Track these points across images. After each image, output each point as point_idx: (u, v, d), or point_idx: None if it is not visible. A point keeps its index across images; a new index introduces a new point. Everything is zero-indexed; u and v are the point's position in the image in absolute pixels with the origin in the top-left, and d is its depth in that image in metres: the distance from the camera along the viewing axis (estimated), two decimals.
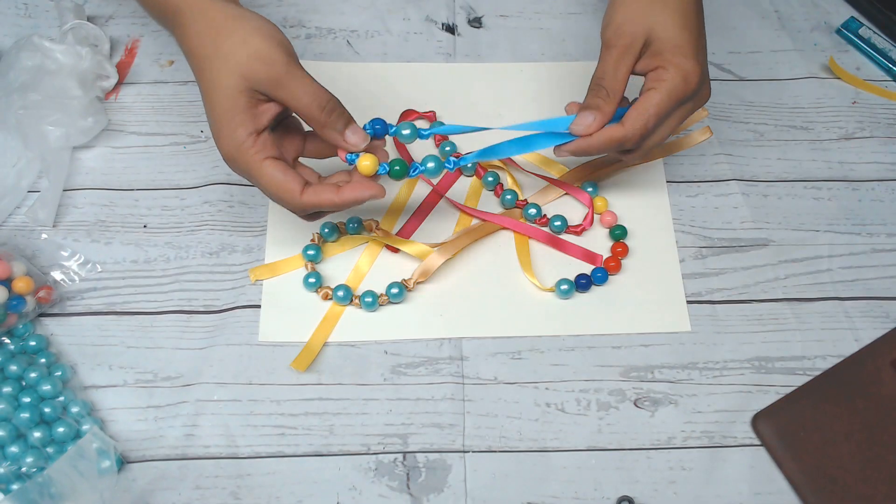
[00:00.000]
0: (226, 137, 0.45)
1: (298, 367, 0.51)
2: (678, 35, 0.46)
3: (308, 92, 0.45)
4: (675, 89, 0.46)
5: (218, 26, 0.45)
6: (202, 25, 0.46)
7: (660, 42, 0.46)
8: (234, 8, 0.46)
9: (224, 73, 0.45)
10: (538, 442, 0.51)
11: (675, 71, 0.46)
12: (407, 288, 0.54)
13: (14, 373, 0.50)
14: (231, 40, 0.45)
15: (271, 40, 0.45)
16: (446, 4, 0.67)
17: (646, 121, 0.46)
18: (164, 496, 0.49)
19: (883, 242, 0.58)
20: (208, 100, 0.46)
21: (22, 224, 0.56)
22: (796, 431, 0.50)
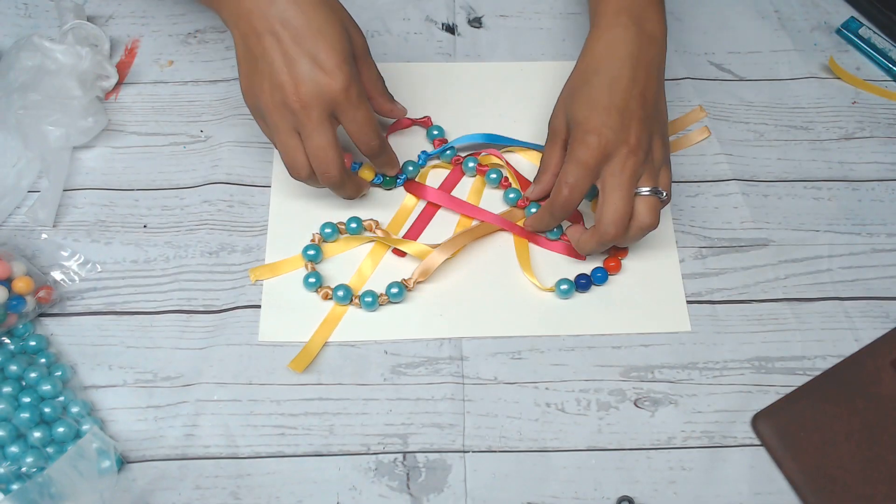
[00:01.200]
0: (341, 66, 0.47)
1: (296, 368, 0.51)
2: (580, 115, 0.51)
3: (375, 66, 0.54)
4: (577, 159, 0.50)
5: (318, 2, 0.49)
6: None
7: (571, 123, 0.52)
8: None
9: (334, 16, 0.49)
10: (538, 442, 0.51)
11: (575, 144, 0.51)
12: (407, 288, 0.54)
13: (14, 373, 0.50)
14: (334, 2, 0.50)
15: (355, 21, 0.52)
16: (446, 4, 0.67)
17: (558, 188, 0.51)
18: (164, 496, 0.49)
19: (883, 242, 0.58)
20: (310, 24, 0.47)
21: (22, 224, 0.56)
22: (796, 431, 0.50)
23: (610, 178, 0.50)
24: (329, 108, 0.48)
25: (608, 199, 0.50)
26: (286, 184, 0.58)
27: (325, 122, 0.48)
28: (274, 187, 0.58)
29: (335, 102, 0.48)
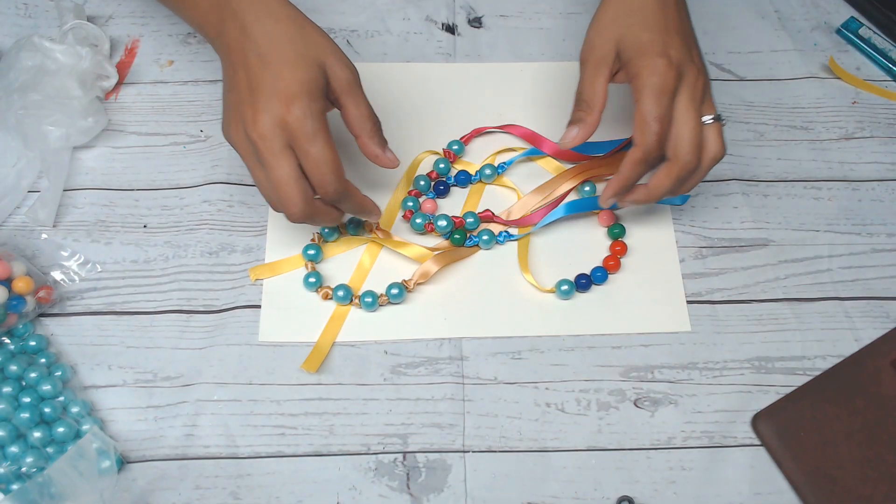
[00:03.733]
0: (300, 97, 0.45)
1: (309, 368, 0.51)
2: (641, 37, 0.48)
3: (368, 105, 0.50)
4: (654, 87, 0.47)
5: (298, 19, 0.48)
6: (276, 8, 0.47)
7: (627, 50, 0.49)
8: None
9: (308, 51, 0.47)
10: (538, 442, 0.51)
11: (646, 72, 0.47)
12: (407, 289, 0.54)
13: (14, 373, 0.50)
14: (315, 34, 0.48)
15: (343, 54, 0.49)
16: (446, 4, 0.67)
17: (646, 126, 0.47)
18: (164, 496, 0.49)
19: (883, 242, 0.58)
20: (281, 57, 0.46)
21: (22, 224, 0.56)
22: (796, 431, 0.50)
23: (683, 102, 0.47)
24: (287, 141, 0.45)
25: (685, 126, 0.47)
26: None
27: (282, 154, 0.45)
28: None
29: (291, 135, 0.45)
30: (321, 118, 0.46)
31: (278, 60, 0.46)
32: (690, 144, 0.47)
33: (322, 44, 0.48)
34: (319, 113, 0.46)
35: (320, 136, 0.45)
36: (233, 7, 0.47)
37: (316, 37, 0.48)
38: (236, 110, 0.46)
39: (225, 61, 0.48)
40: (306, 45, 0.47)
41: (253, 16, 0.47)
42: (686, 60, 0.48)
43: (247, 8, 0.47)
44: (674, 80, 0.47)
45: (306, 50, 0.47)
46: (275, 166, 0.45)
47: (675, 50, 0.48)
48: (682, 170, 0.48)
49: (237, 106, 0.46)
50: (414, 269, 0.55)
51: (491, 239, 0.56)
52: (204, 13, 0.49)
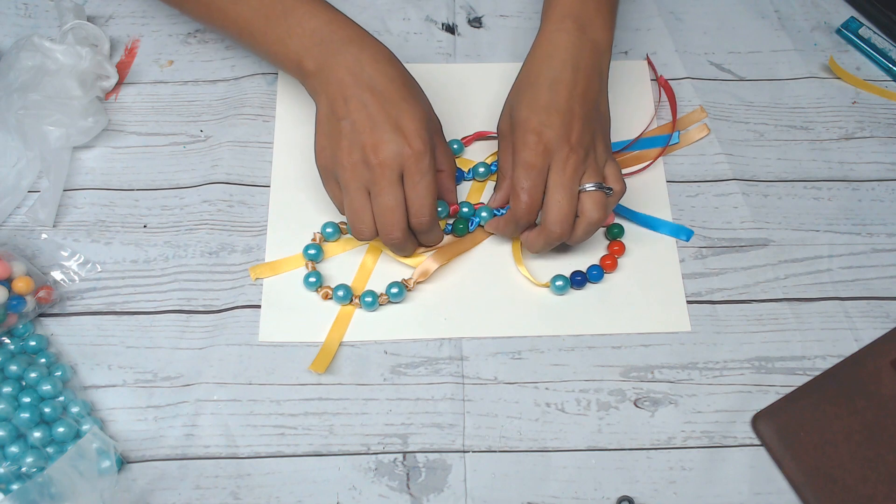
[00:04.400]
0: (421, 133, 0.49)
1: (317, 369, 0.51)
2: (521, 114, 0.52)
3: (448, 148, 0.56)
4: (524, 161, 0.51)
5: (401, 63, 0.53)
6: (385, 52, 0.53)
7: (514, 123, 0.53)
8: None
9: (420, 94, 0.52)
10: (538, 442, 0.51)
11: (519, 146, 0.51)
12: (407, 288, 0.54)
13: (14, 373, 0.50)
14: (414, 79, 0.53)
15: None
16: (446, 4, 0.67)
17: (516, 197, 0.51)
18: (164, 496, 0.49)
19: (883, 242, 0.58)
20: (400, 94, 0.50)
21: (22, 224, 0.56)
22: (796, 431, 0.50)
23: (553, 177, 0.51)
24: (401, 172, 0.49)
25: (552, 197, 0.51)
26: (286, 183, 0.58)
27: (397, 184, 0.49)
28: (274, 187, 0.58)
29: (407, 166, 0.49)
30: (433, 155, 0.50)
31: (397, 97, 0.50)
32: (558, 214, 0.51)
33: (421, 90, 0.53)
34: (433, 150, 0.50)
35: (432, 171, 0.50)
36: (338, 48, 0.51)
37: (417, 82, 0.53)
38: (349, 139, 0.49)
39: (331, 93, 0.51)
40: (416, 87, 0.52)
41: (368, 56, 0.51)
42: (559, 138, 0.50)
43: (358, 49, 0.51)
44: (541, 156, 0.50)
45: (417, 91, 0.52)
46: (388, 194, 0.49)
47: (550, 129, 0.51)
48: (549, 236, 0.51)
49: (352, 134, 0.49)
50: (413, 269, 0.55)
51: (490, 214, 0.56)
52: (299, 50, 0.52)
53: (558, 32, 0.53)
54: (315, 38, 0.52)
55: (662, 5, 0.68)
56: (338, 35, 0.51)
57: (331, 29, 0.52)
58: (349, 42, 0.51)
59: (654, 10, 0.67)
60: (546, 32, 0.54)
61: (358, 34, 0.52)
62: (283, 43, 0.53)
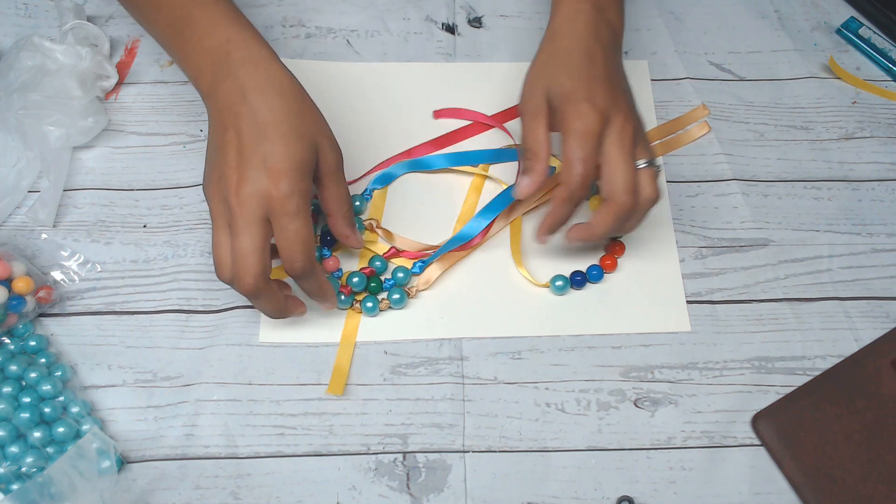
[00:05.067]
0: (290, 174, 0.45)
1: (335, 391, 0.51)
2: (566, 85, 0.50)
3: (346, 187, 0.50)
4: (578, 130, 0.48)
5: (298, 94, 0.48)
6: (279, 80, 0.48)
7: (554, 98, 0.50)
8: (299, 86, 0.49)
9: (305, 129, 0.47)
10: (538, 442, 0.51)
11: (571, 117, 0.49)
12: (409, 295, 0.54)
13: (14, 373, 0.50)
14: (312, 112, 0.48)
15: (332, 135, 0.49)
16: (446, 4, 0.67)
17: (571, 167, 0.48)
18: (164, 496, 0.49)
19: (883, 242, 0.58)
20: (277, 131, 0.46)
21: (22, 224, 0.56)
22: (796, 431, 0.50)
23: (612, 148, 0.48)
24: (264, 213, 0.45)
25: (616, 168, 0.48)
26: None
27: (256, 225, 0.45)
28: None
29: (272, 209, 0.45)
30: (307, 197, 0.46)
31: (274, 133, 0.45)
32: (624, 185, 0.48)
33: (318, 123, 0.48)
34: (305, 192, 0.46)
35: (302, 215, 0.45)
36: (233, 68, 0.47)
37: (313, 115, 0.48)
38: (219, 171, 0.46)
39: (215, 120, 0.48)
40: (304, 122, 0.47)
41: (254, 83, 0.47)
42: (611, 106, 0.49)
43: (249, 73, 0.47)
44: (598, 123, 0.48)
45: (303, 127, 0.47)
46: (244, 235, 0.45)
47: (600, 96, 0.49)
48: (619, 209, 0.49)
49: (221, 167, 0.46)
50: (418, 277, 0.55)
51: (406, 275, 0.54)
52: (200, 66, 0.49)
53: (578, 13, 0.52)
54: (210, 57, 0.48)
55: (662, 5, 0.68)
56: (232, 57, 0.48)
57: (226, 50, 0.48)
58: (240, 65, 0.47)
59: (654, 10, 0.67)
60: (565, 12, 0.52)
61: (253, 56, 0.48)
62: (185, 59, 0.50)
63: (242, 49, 0.48)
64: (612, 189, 0.49)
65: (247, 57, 0.48)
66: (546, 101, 0.51)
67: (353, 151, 0.59)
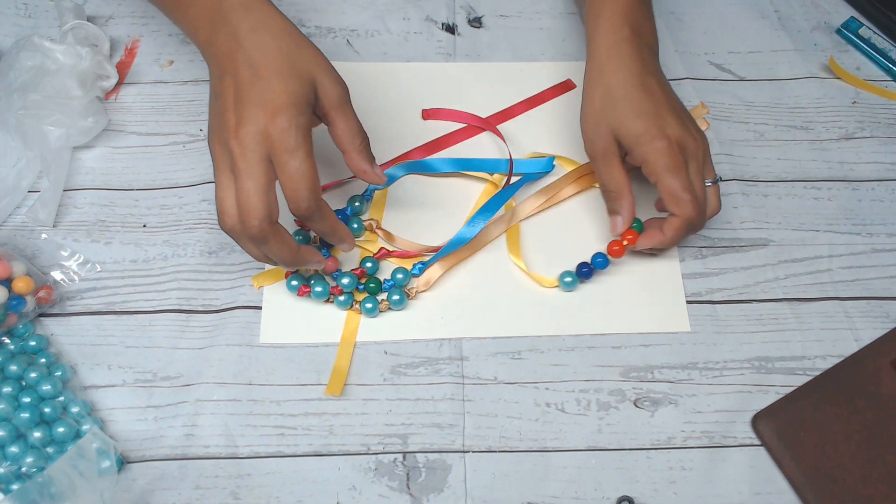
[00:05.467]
0: (286, 108, 0.44)
1: (333, 392, 0.51)
2: (636, 127, 0.51)
3: (357, 121, 0.49)
4: (667, 167, 0.50)
5: (292, 32, 0.48)
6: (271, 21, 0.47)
7: (626, 139, 0.52)
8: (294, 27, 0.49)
9: (300, 65, 0.46)
10: (538, 442, 0.51)
11: (653, 157, 0.50)
12: (408, 296, 0.54)
13: (14, 373, 0.50)
14: (308, 49, 0.48)
15: (334, 70, 0.49)
16: (446, 4, 0.67)
17: (680, 200, 0.50)
18: (164, 496, 0.49)
19: (883, 242, 0.58)
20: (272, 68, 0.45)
21: (22, 224, 0.56)
22: (796, 431, 0.50)
23: (690, 172, 0.51)
24: (265, 152, 0.44)
25: (695, 185, 0.51)
26: None
27: (259, 165, 0.44)
28: None
29: (272, 146, 0.44)
30: (305, 132, 0.45)
31: (269, 71, 0.45)
32: (702, 203, 0.51)
33: (314, 59, 0.48)
34: (304, 127, 0.45)
35: (302, 150, 0.44)
36: (226, 15, 0.47)
37: (309, 51, 0.48)
38: (219, 117, 0.46)
39: (214, 69, 0.48)
40: (299, 58, 0.47)
41: (247, 25, 0.46)
42: (684, 135, 0.51)
43: (241, 17, 0.47)
44: (679, 155, 0.50)
45: (298, 63, 0.46)
46: (246, 175, 0.44)
47: (671, 128, 0.51)
48: (691, 224, 0.51)
49: (221, 113, 0.46)
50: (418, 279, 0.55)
51: (406, 276, 0.54)
52: (196, 18, 0.49)
53: (621, 43, 0.53)
54: (204, 9, 0.48)
55: (662, 5, 0.68)
56: (225, 5, 0.47)
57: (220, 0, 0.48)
58: (234, 11, 0.47)
59: (655, 10, 0.67)
60: (607, 43, 0.53)
61: (245, 2, 0.47)
62: (181, 15, 0.50)
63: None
64: (685, 210, 0.51)
65: (239, 2, 0.47)
66: (615, 142, 0.52)
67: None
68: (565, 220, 0.58)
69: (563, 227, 0.58)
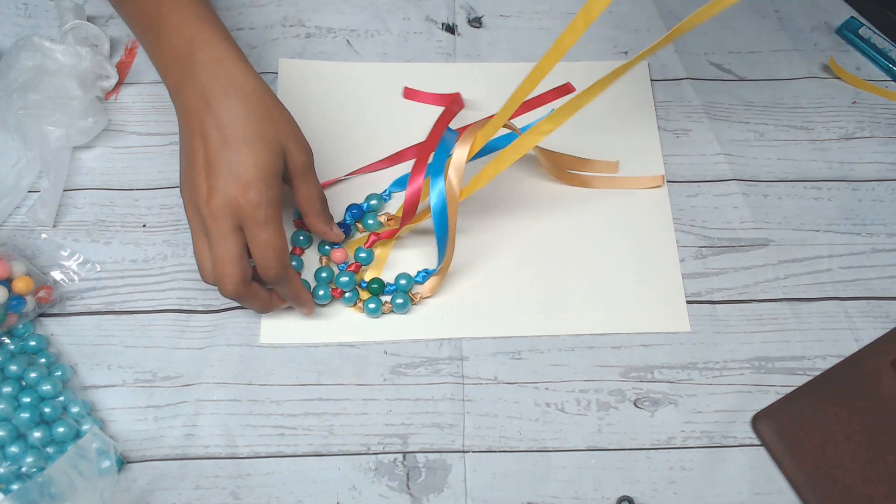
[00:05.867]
0: (257, 183, 0.45)
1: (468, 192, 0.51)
2: None
3: (318, 186, 0.51)
4: None
5: (263, 96, 0.47)
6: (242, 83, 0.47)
7: None
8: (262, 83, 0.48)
9: (270, 133, 0.46)
10: (538, 442, 0.51)
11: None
12: (412, 301, 0.54)
13: (14, 373, 0.50)
14: (278, 114, 0.48)
15: (302, 135, 0.49)
16: (446, 4, 0.67)
17: None
18: (164, 496, 0.49)
19: (883, 242, 0.58)
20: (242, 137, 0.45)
21: (22, 224, 0.56)
22: (796, 431, 0.50)
23: None
24: (237, 222, 0.46)
25: None
26: None
27: (230, 235, 0.46)
28: None
29: (242, 218, 0.46)
30: (275, 206, 0.46)
31: (239, 140, 0.45)
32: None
33: (283, 124, 0.48)
34: (274, 200, 0.46)
35: (272, 224, 0.46)
36: (196, 70, 0.47)
37: (278, 117, 0.48)
38: (190, 179, 0.46)
39: (182, 122, 0.48)
40: (268, 126, 0.46)
41: (218, 88, 0.46)
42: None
43: (210, 74, 0.46)
44: None
45: (268, 132, 0.46)
46: (220, 244, 0.46)
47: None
48: None
49: (191, 176, 0.46)
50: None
51: (409, 282, 0.54)
52: (166, 64, 0.49)
53: None
54: (174, 57, 0.48)
55: (662, 5, 0.68)
56: (196, 58, 0.47)
57: (190, 50, 0.47)
58: (203, 67, 0.46)
59: (655, 10, 0.67)
60: None
61: (216, 57, 0.47)
62: (153, 56, 0.50)
63: (205, 49, 0.47)
64: None
65: (210, 58, 0.47)
66: None
67: (353, 151, 0.59)
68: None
69: None
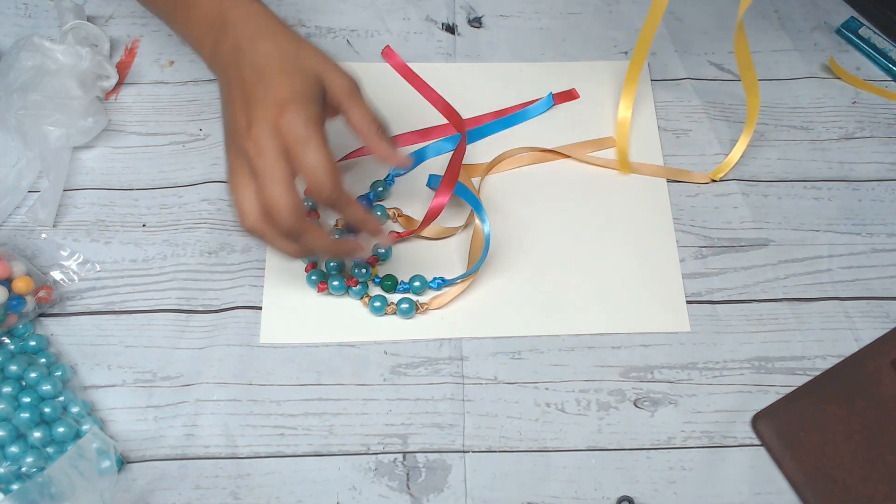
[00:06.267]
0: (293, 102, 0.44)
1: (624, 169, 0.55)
2: None
3: (371, 107, 0.49)
4: None
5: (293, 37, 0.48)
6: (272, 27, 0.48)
7: None
8: None
9: (304, 64, 0.46)
10: (538, 442, 0.51)
11: None
12: (417, 309, 0.54)
13: (14, 373, 0.50)
14: (311, 50, 0.47)
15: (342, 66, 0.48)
16: (446, 4, 0.67)
17: None
18: (164, 496, 0.49)
19: (883, 242, 0.58)
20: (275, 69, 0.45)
21: (22, 224, 0.56)
22: (796, 431, 0.50)
23: None
24: (281, 146, 0.44)
25: None
26: None
27: (277, 162, 0.44)
28: None
29: (286, 141, 0.44)
30: (316, 122, 0.45)
31: (273, 72, 0.45)
32: None
33: (318, 58, 0.48)
34: (314, 117, 0.45)
35: (314, 140, 0.44)
36: (228, 26, 0.48)
37: (312, 52, 0.48)
38: (231, 124, 0.46)
39: (221, 80, 0.48)
40: (302, 58, 0.47)
41: (249, 33, 0.47)
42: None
43: (242, 27, 0.47)
44: None
45: (301, 62, 0.47)
46: (268, 173, 0.44)
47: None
48: None
49: (232, 120, 0.46)
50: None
51: (423, 285, 0.54)
52: (200, 32, 0.49)
53: None
54: (208, 21, 0.49)
55: None
56: (229, 16, 0.48)
57: (220, 12, 0.48)
58: (236, 23, 0.47)
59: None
60: None
61: (247, 12, 0.48)
62: (185, 30, 0.51)
63: (235, 9, 0.48)
64: None
65: (241, 14, 0.48)
66: None
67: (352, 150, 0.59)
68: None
69: None
